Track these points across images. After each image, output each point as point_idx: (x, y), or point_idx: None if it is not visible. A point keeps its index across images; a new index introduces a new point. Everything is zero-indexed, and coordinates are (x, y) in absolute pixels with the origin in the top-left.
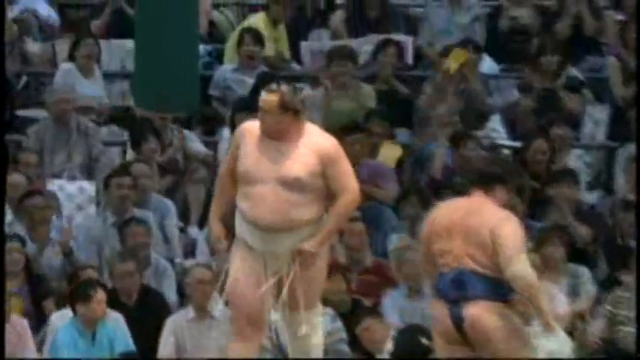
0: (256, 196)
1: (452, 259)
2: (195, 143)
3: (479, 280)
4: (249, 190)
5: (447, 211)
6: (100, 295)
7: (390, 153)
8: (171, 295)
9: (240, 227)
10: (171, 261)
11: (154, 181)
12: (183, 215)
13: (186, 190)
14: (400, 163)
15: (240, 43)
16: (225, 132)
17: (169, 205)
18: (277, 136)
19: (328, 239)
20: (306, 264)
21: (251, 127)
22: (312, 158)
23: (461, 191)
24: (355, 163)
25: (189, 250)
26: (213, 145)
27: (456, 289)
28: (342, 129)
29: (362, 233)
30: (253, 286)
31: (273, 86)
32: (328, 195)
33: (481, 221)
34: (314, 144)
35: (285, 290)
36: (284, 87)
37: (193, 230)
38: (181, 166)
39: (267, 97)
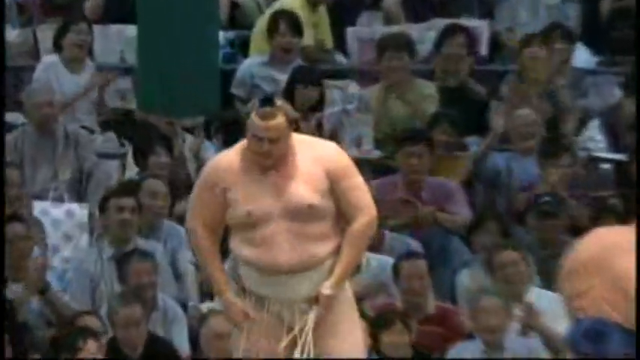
0: (265, 239)
1: (588, 302)
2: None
3: (622, 334)
4: (254, 234)
5: (592, 241)
6: (91, 346)
7: (458, 168)
8: (183, 346)
9: (246, 277)
10: (184, 304)
11: (165, 202)
12: None
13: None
14: (471, 181)
15: (271, 30)
16: None
17: (183, 234)
18: (275, 163)
19: (347, 276)
20: (327, 311)
21: (226, 164)
22: (318, 174)
23: (551, 214)
24: (414, 181)
25: (206, 291)
26: None
27: (592, 341)
28: (396, 138)
29: (424, 274)
30: (272, 345)
31: (267, 109)
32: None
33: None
34: (314, 156)
35: (307, 347)
36: (278, 101)
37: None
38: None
39: (271, 123)
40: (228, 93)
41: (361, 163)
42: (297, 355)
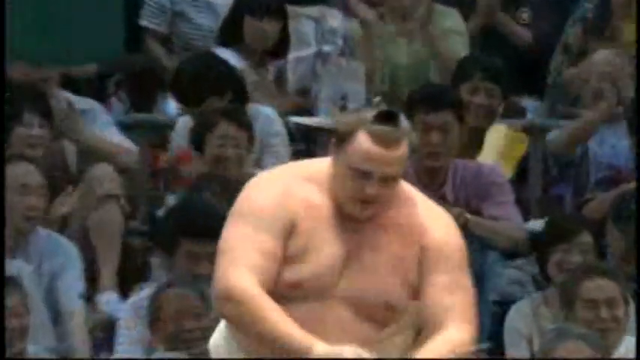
0: (310, 318)
1: None
2: (110, 129)
3: None
4: (295, 305)
5: None
6: None
7: (503, 144)
8: None
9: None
10: None
11: (39, 200)
12: (88, 272)
13: (88, 223)
14: (525, 169)
15: None
16: (171, 105)
17: (67, 250)
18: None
19: None
20: None
21: (302, 195)
22: (412, 257)
23: None
24: (433, 167)
25: (103, 339)
26: (146, 133)
27: None
28: (403, 100)
29: None
30: None
31: (389, 130)
32: None
33: None
34: (415, 223)
35: None
36: (402, 120)
37: (108, 298)
38: (74, 174)
39: (396, 154)
40: (135, 25)
41: None
42: None
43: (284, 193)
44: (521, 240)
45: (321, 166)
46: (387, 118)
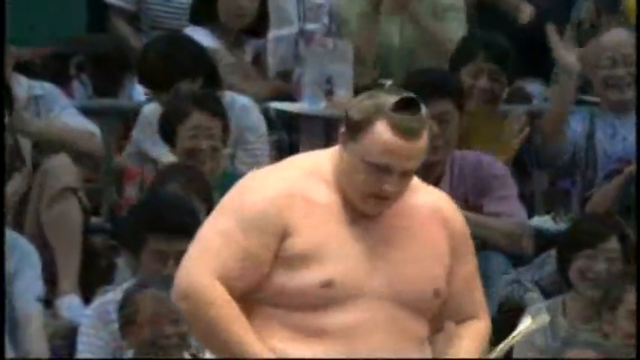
0: (346, 329)
1: None
2: (69, 112)
3: None
4: (324, 318)
5: None
6: None
7: (504, 133)
8: None
9: None
10: None
11: None
12: (47, 274)
13: (42, 219)
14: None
15: None
16: (139, 90)
17: (26, 248)
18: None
19: None
20: None
21: (297, 194)
22: (442, 240)
23: None
24: (431, 161)
25: (63, 347)
26: (111, 120)
27: None
28: (397, 85)
29: None
30: None
31: (411, 119)
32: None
33: None
34: (432, 206)
35: None
36: (423, 107)
37: (69, 303)
38: (28, 164)
39: (418, 145)
40: (99, 3)
41: (333, 126)
42: None
43: (283, 191)
44: (525, 238)
45: (324, 159)
46: (407, 105)
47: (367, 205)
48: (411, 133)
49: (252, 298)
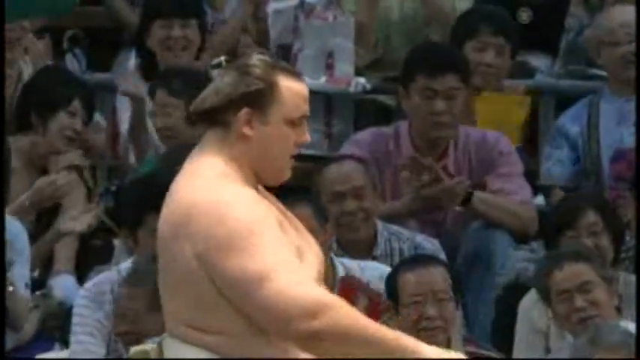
0: None
1: None
2: None
3: None
4: None
5: None
6: None
7: (514, 113)
8: None
9: None
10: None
11: None
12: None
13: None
14: (530, 134)
15: None
16: (131, 61)
17: (15, 231)
18: None
19: None
20: None
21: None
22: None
23: None
24: (435, 138)
25: (57, 328)
26: (105, 95)
27: None
28: (399, 61)
29: (445, 294)
30: None
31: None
32: None
33: None
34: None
35: None
36: None
37: (63, 283)
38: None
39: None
40: None
41: (334, 102)
42: None
43: (252, 195)
44: (531, 220)
45: (218, 164)
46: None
47: (286, 169)
48: (300, 75)
49: None
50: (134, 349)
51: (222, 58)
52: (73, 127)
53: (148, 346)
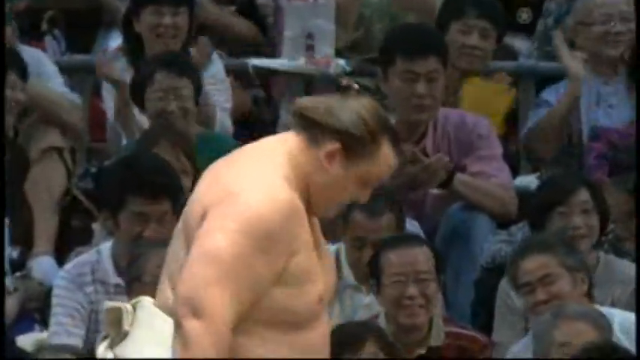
0: (315, 345)
1: None
2: (55, 82)
3: None
4: (298, 335)
5: None
6: None
7: (495, 97)
8: None
9: None
10: None
11: None
12: (23, 234)
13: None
14: (512, 118)
15: None
16: (111, 43)
17: None
18: None
19: None
20: None
21: (298, 206)
22: None
23: None
24: (414, 121)
25: (37, 310)
26: (84, 77)
27: None
28: (379, 43)
29: (427, 274)
30: None
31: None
32: None
33: None
34: None
35: None
36: None
37: (43, 264)
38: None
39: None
40: None
41: (313, 83)
42: None
43: (286, 202)
44: (511, 202)
45: (283, 158)
46: None
47: (329, 211)
48: (399, 144)
49: (247, 319)
50: (109, 304)
51: (356, 86)
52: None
53: (123, 304)
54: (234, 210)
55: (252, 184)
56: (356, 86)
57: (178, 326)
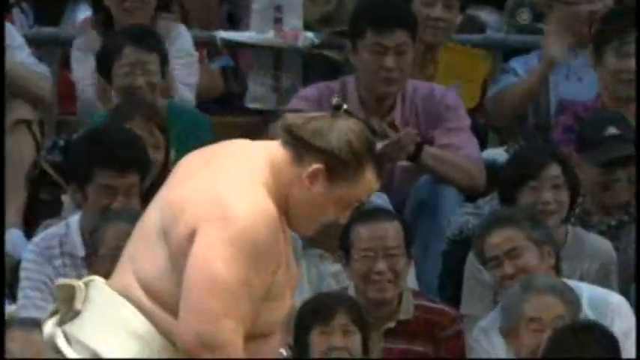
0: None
1: None
2: (23, 54)
3: None
4: (275, 341)
5: None
6: None
7: (467, 68)
8: None
9: None
10: None
11: None
12: None
13: None
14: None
15: None
16: (79, 15)
17: None
18: None
19: None
20: None
21: (274, 209)
22: None
23: (615, 160)
24: (383, 93)
25: (8, 283)
26: (53, 50)
27: None
28: (348, 15)
29: (397, 247)
30: None
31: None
32: None
33: None
34: None
35: None
36: None
37: (12, 237)
38: None
39: None
40: None
41: (283, 56)
42: None
43: (271, 214)
44: (479, 175)
45: (263, 167)
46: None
47: (308, 230)
48: (381, 170)
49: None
50: (61, 281)
51: (345, 106)
52: None
53: (76, 281)
54: (228, 230)
55: (240, 196)
56: (345, 106)
57: None
